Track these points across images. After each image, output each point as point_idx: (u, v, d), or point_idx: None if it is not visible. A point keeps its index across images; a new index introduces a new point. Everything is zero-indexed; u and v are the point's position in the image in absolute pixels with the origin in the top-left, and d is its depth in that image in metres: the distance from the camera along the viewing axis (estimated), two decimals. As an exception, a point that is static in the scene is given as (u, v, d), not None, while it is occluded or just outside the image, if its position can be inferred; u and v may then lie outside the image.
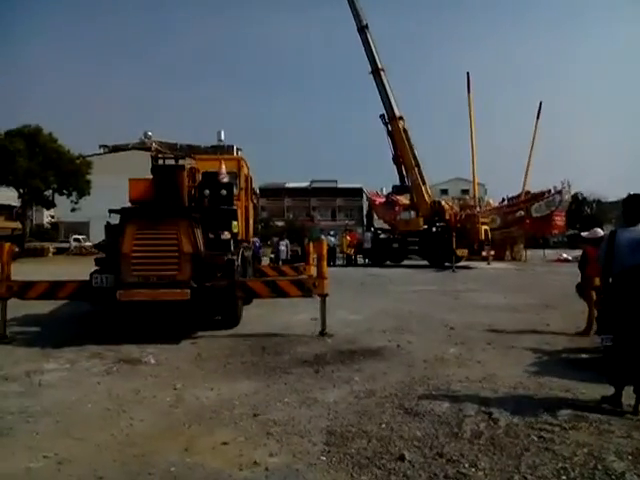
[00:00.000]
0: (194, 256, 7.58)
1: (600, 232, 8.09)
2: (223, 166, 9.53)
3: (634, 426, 3.96)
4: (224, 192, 8.91)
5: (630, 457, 3.39)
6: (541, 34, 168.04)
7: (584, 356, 6.30)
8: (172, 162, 9.19)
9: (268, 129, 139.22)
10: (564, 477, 3.13)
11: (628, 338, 4.33)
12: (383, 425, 4.05)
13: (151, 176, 8.64)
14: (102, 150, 55.55)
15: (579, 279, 7.93)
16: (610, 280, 4.47)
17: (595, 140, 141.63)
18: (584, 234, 8.50)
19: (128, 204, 8.61)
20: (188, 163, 9.60)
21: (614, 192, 76.68)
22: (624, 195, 4.91)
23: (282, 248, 23.73)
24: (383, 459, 3.44)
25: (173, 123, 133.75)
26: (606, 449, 3.52)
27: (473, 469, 3.26)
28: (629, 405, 4.30)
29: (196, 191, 9.09)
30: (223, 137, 49.40)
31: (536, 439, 3.74)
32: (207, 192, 8.84)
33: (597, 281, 6.97)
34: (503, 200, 34.81)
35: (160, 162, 9.10)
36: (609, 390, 4.48)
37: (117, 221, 7.95)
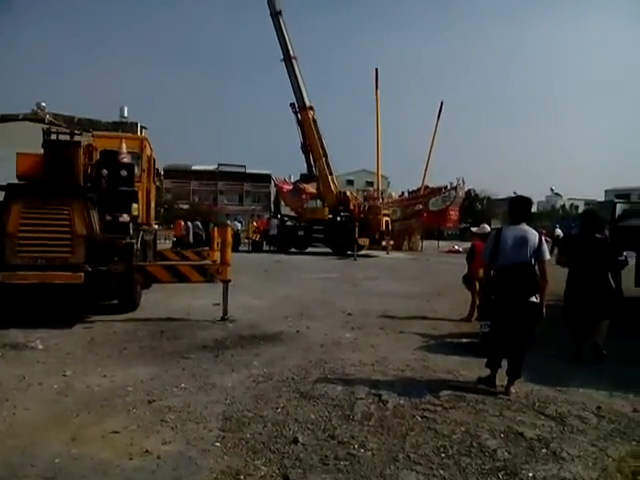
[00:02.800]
0: (88, 238, 7.21)
1: (487, 228, 8.77)
2: (124, 145, 9.10)
3: (505, 405, 4.38)
4: (124, 173, 8.52)
5: (502, 435, 3.74)
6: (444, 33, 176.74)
7: (465, 340, 6.83)
8: (67, 137, 8.59)
9: (175, 108, 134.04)
10: (443, 454, 3.41)
11: (503, 326, 4.79)
12: (279, 409, 4.16)
13: (42, 151, 8.04)
14: (-12, 119, 50.30)
15: (466, 270, 8.56)
16: (492, 274, 4.88)
17: (489, 140, 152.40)
18: (473, 229, 9.15)
19: (15, 180, 7.95)
20: (85, 139, 9.02)
21: (503, 190, 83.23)
22: (511, 194, 5.38)
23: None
24: (277, 443, 3.54)
25: (72, 95, 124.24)
26: (481, 427, 3.87)
27: (362, 450, 3.46)
28: (501, 386, 4.75)
29: (93, 170, 8.60)
30: (126, 113, 46.59)
31: (420, 419, 4.02)
32: (105, 172, 8.39)
33: (481, 273, 7.60)
34: (402, 194, 36.48)
35: (53, 137, 8.47)
36: (485, 372, 4.93)
37: (1, 198, 7.32)
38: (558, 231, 27.56)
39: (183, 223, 25.19)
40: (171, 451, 3.36)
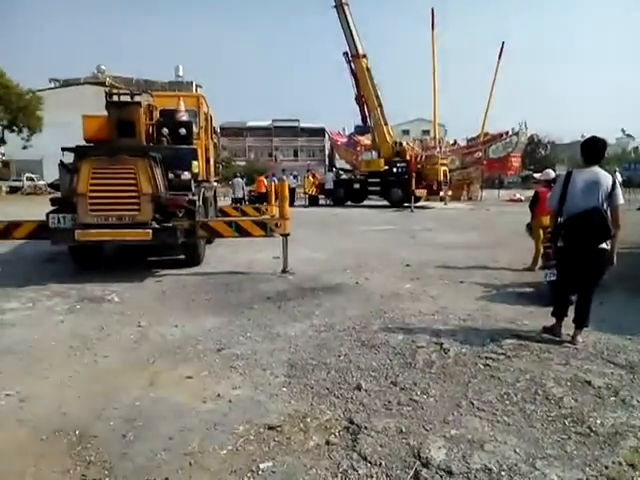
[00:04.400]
0: (154, 196, 7.47)
1: (552, 173, 8.35)
2: (182, 103, 9.21)
3: (571, 354, 4.29)
4: (183, 131, 8.67)
5: (568, 383, 3.69)
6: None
7: (529, 290, 6.68)
8: (127, 98, 8.80)
9: (229, 66, 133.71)
10: (507, 402, 3.41)
11: (571, 274, 4.63)
12: (341, 357, 4.27)
13: (106, 113, 8.30)
14: (53, 84, 52.24)
15: (529, 218, 8.26)
16: (560, 220, 4.67)
17: (552, 82, 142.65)
18: (536, 175, 8.76)
19: (82, 142, 8.28)
20: (145, 100, 9.20)
21: (569, 134, 78.49)
22: (578, 138, 5.08)
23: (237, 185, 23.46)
24: (341, 389, 3.64)
25: (128, 57, 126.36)
26: (546, 376, 3.82)
27: (425, 396, 3.51)
28: (568, 334, 4.64)
29: (154, 129, 8.80)
30: (181, 73, 47.04)
31: (482, 367, 4.02)
32: (166, 131, 8.58)
33: (545, 220, 7.31)
34: (455, 142, 35.11)
35: (115, 98, 8.70)
36: (550, 321, 4.82)
37: (71, 160, 7.68)
38: (617, 176, 25.93)
39: (265, 180, 25.18)
40: (241, 395, 3.55)
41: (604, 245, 4.41)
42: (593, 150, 4.60)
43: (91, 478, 2.59)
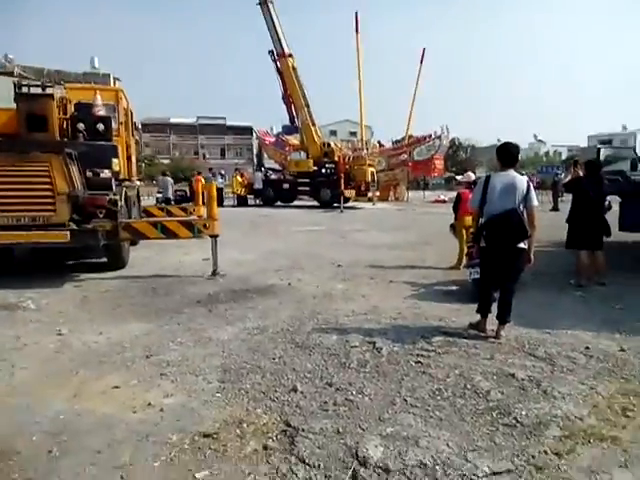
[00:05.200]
0: (71, 196, 7.05)
1: (472, 176, 8.79)
2: (99, 97, 8.73)
3: (496, 349, 4.50)
4: (101, 126, 8.21)
5: (494, 377, 3.86)
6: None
7: (454, 288, 6.96)
8: (39, 90, 8.24)
9: (150, 59, 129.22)
10: (439, 397, 3.52)
11: (492, 272, 4.87)
12: (276, 360, 4.23)
13: (14, 105, 7.74)
14: (-48, 73, 47.99)
15: (453, 219, 8.62)
16: (481, 221, 4.90)
17: (471, 88, 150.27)
18: (459, 177, 9.18)
19: None
20: (58, 92, 8.65)
21: (487, 138, 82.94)
22: (495, 142, 5.36)
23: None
24: (277, 392, 3.61)
25: (39, 46, 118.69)
26: (474, 370, 3.98)
27: (360, 395, 3.55)
28: (492, 330, 4.87)
29: (68, 124, 8.30)
30: (97, 64, 44.60)
31: (414, 364, 4.12)
32: (82, 126, 8.10)
33: (467, 221, 7.69)
34: (379, 144, 36.11)
35: (25, 90, 8.12)
36: (475, 317, 5.04)
37: None
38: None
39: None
40: (173, 403, 3.42)
41: (522, 244, 4.67)
42: (507, 154, 4.87)
43: (12, 499, 2.40)
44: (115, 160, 8.23)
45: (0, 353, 4.32)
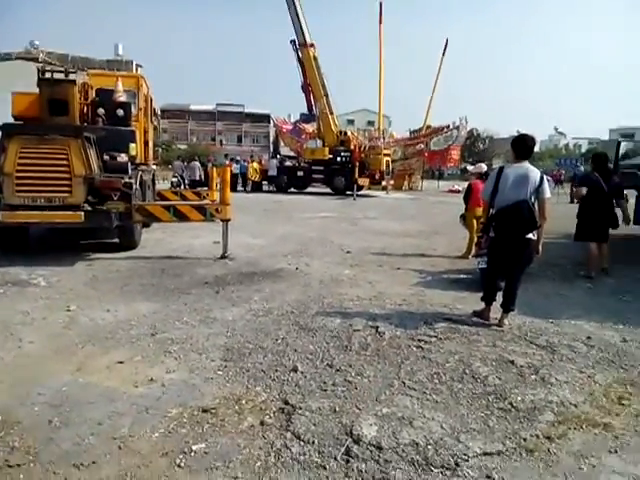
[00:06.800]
0: (87, 178, 7.19)
1: (484, 167, 8.75)
2: (120, 83, 8.89)
3: (498, 336, 4.51)
4: (121, 112, 8.40)
5: (493, 363, 3.88)
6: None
7: (462, 276, 6.95)
8: (61, 76, 8.36)
9: (172, 47, 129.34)
10: (437, 381, 3.55)
11: (500, 262, 4.86)
12: (278, 341, 4.28)
13: (37, 90, 7.87)
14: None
15: (464, 209, 8.57)
16: (492, 212, 4.87)
17: (492, 79, 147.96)
18: (470, 168, 9.15)
19: (11, 120, 7.84)
20: (80, 78, 8.80)
21: (506, 129, 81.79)
22: (514, 133, 5.31)
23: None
24: (277, 371, 3.66)
25: (64, 33, 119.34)
26: (474, 356, 4.00)
27: (359, 377, 3.59)
28: (495, 318, 4.87)
29: (89, 109, 8.48)
30: (121, 51, 44.87)
31: (415, 349, 4.15)
32: (102, 111, 8.29)
33: (478, 211, 7.64)
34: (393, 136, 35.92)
35: (48, 75, 8.24)
36: (480, 306, 5.04)
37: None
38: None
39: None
40: (175, 379, 3.49)
41: (531, 235, 4.65)
42: (523, 146, 4.83)
43: (15, 463, 2.49)
44: (132, 145, 8.36)
45: (9, 327, 4.44)
